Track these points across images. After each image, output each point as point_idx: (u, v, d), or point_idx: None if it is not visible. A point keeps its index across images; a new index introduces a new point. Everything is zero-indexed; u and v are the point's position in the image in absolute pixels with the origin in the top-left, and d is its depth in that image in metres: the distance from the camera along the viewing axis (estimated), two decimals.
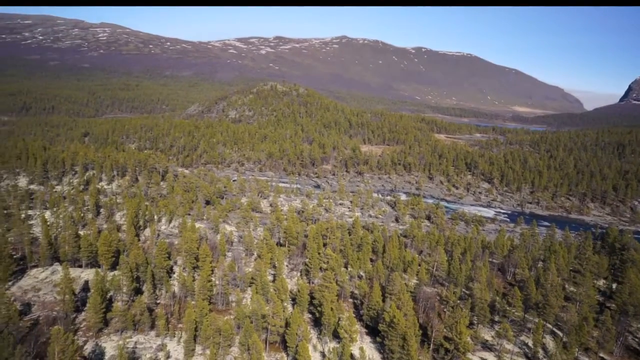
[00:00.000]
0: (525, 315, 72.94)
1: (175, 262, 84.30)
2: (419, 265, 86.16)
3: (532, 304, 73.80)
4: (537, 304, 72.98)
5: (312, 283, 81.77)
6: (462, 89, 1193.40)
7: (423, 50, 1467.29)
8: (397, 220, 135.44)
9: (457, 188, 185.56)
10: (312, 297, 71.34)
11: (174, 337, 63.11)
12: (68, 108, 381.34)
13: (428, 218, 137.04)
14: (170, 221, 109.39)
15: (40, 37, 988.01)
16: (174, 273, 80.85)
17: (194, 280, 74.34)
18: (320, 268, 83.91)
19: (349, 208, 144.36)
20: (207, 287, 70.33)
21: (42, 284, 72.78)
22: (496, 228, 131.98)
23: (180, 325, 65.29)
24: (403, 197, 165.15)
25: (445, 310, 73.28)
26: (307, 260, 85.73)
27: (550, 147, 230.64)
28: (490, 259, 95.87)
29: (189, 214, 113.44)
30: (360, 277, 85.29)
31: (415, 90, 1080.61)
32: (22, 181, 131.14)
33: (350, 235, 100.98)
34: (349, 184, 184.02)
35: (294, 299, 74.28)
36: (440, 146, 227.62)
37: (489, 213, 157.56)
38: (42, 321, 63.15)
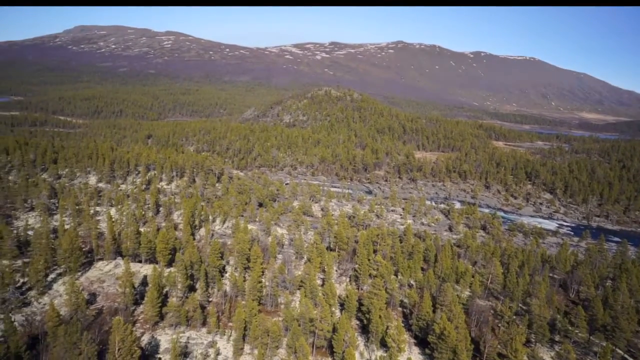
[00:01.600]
0: (591, 338, 67.88)
1: (228, 262, 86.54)
2: (473, 276, 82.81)
3: (599, 326, 68.50)
4: (605, 326, 67.63)
5: (361, 289, 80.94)
6: (524, 95, 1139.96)
7: (482, 54, 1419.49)
8: (450, 229, 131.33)
9: (515, 198, 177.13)
10: (361, 304, 70.54)
11: (224, 335, 64.63)
12: (134, 111, 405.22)
13: (483, 228, 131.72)
14: (224, 222, 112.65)
15: (113, 46, 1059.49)
16: (226, 272, 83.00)
17: (244, 281, 75.91)
18: (370, 275, 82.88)
19: (400, 215, 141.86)
20: (257, 288, 71.54)
21: (106, 276, 77.32)
22: (558, 241, 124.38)
23: (230, 324, 66.80)
24: (457, 205, 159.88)
25: (499, 325, 69.83)
26: (356, 266, 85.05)
27: (622, 157, 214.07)
28: (550, 274, 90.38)
29: (242, 216, 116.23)
30: (410, 286, 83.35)
31: (473, 96, 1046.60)
32: (92, 179, 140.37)
33: (401, 242, 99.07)
34: (401, 191, 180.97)
35: (342, 305, 73.84)
36: (499, 154, 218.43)
37: (551, 225, 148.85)
38: (105, 311, 67.05)
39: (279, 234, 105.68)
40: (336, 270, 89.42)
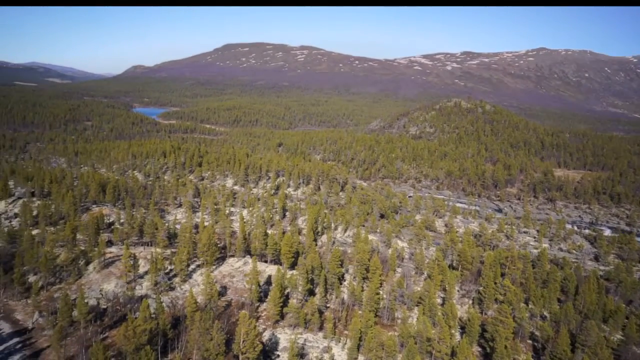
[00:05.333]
0: None
1: (347, 271, 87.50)
2: (627, 317, 71.04)
3: None
4: None
5: (485, 314, 75.18)
6: None
7: None
8: (597, 259, 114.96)
9: None
10: (484, 330, 65.48)
11: (339, 342, 65.25)
12: (268, 121, 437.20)
13: None
14: (345, 230, 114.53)
15: (253, 61, 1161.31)
16: (344, 280, 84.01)
17: (362, 291, 75.95)
18: (496, 299, 76.58)
19: (534, 238, 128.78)
20: (374, 300, 70.98)
21: (236, 272, 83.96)
22: None
23: (346, 332, 67.27)
24: (607, 232, 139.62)
25: None
26: (481, 288, 79.33)
27: None
28: None
29: (364, 226, 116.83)
30: (543, 318, 74.81)
31: (634, 107, 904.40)
32: (229, 182, 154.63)
33: (534, 268, 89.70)
34: (536, 211, 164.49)
35: (462, 328, 69.44)
36: None
37: None
38: (234, 304, 72.81)
39: (400, 247, 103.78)
40: (458, 291, 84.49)
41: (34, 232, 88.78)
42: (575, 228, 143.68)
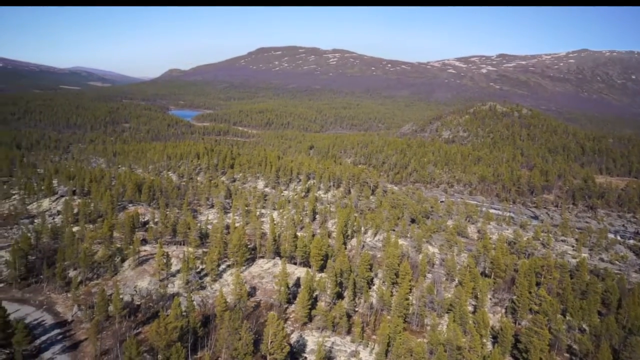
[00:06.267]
0: None
1: (376, 275, 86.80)
2: None
3: None
4: None
5: (519, 324, 72.90)
6: None
7: None
8: None
9: None
10: (517, 340, 63.50)
11: (367, 346, 64.71)
12: (299, 124, 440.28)
13: None
14: (375, 234, 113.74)
15: (286, 65, 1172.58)
16: (373, 285, 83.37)
17: (391, 296, 75.10)
18: (530, 309, 74.17)
19: (573, 247, 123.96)
20: (403, 305, 70.07)
21: (265, 273, 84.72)
22: None
23: (374, 337, 66.67)
24: None
25: None
26: (514, 297, 77.01)
27: None
28: None
29: (394, 230, 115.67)
30: (582, 331, 71.78)
31: None
32: (260, 184, 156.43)
33: (572, 278, 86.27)
34: (575, 219, 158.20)
35: (494, 337, 67.54)
36: None
37: None
38: (262, 305, 73.46)
39: (430, 252, 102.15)
40: (490, 299, 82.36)
41: (75, 229, 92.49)
42: (619, 238, 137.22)
